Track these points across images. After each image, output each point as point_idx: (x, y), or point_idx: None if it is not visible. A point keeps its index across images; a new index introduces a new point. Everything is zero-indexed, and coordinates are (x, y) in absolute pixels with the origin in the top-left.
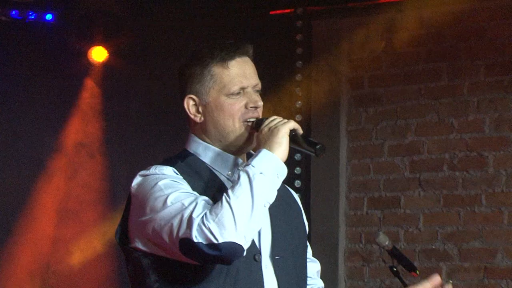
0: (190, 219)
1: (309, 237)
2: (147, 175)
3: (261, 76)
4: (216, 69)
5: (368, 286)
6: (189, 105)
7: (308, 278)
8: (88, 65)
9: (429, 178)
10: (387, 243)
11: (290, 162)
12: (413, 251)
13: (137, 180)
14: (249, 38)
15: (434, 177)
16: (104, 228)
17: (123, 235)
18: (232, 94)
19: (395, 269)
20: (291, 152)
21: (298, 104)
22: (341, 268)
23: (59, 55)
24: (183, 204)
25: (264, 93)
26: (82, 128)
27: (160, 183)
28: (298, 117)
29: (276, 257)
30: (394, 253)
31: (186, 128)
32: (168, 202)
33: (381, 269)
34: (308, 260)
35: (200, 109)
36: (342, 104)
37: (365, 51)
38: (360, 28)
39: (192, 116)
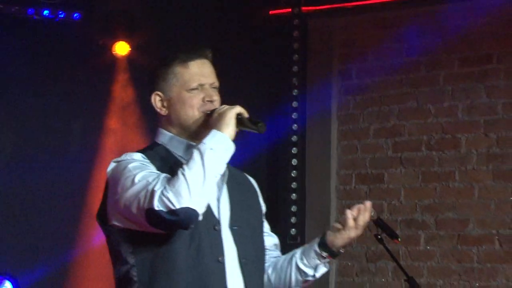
0: (153, 192)
1: (277, 214)
2: (119, 161)
3: (262, 67)
4: (178, 69)
5: (355, 251)
6: (156, 100)
7: (266, 250)
8: (112, 59)
9: (409, 157)
10: (372, 214)
11: (287, 144)
12: (395, 221)
13: (111, 166)
14: (251, 34)
15: (413, 156)
16: None
17: (103, 216)
18: (192, 89)
19: (379, 237)
20: (289, 134)
21: (295, 92)
22: None
23: (86, 50)
24: (148, 181)
25: (265, 81)
26: (121, 117)
27: (129, 166)
28: (295, 103)
29: (234, 228)
30: (379, 223)
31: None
32: (136, 180)
33: (367, 237)
34: (265, 234)
35: (165, 104)
36: (334, 93)
37: (353, 46)
38: (349, 26)
39: (158, 110)
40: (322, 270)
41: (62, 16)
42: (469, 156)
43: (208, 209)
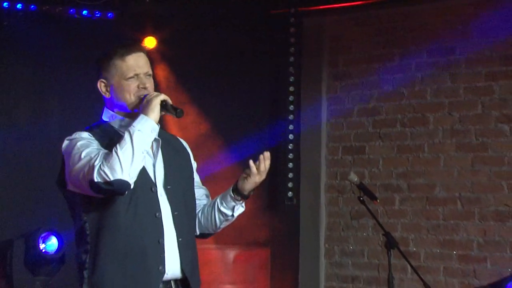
0: (93, 167)
1: (276, 181)
2: (71, 139)
3: (262, 57)
4: (118, 62)
5: (342, 211)
6: (101, 86)
7: (197, 200)
8: None
9: (386, 132)
10: (356, 179)
11: (284, 121)
12: (375, 185)
13: (65, 143)
14: (254, 30)
15: (390, 131)
16: None
17: (61, 182)
18: (128, 78)
19: (361, 198)
20: (286, 113)
21: (291, 79)
22: (322, 198)
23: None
24: (90, 157)
25: (266, 69)
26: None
27: (78, 144)
28: (291, 88)
29: (168, 187)
30: (361, 187)
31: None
32: (82, 156)
33: (351, 199)
34: (197, 186)
35: (108, 89)
36: (324, 79)
37: (340, 41)
38: (337, 23)
39: (103, 94)
40: (239, 210)
41: (98, 15)
42: (436, 131)
43: (145, 174)
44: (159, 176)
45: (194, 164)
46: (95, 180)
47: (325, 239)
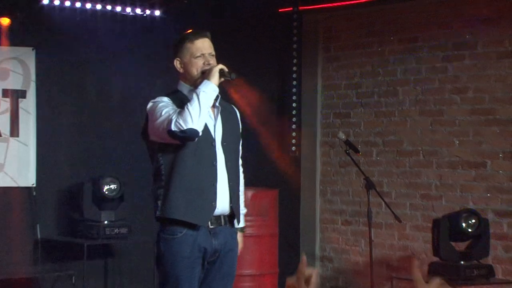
0: (171, 120)
1: (283, 138)
2: (154, 101)
3: (272, 45)
4: (188, 44)
5: (332, 161)
6: (177, 63)
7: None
8: None
9: (366, 102)
10: (343, 137)
11: (289, 95)
12: (358, 142)
13: (149, 105)
14: (265, 24)
15: (369, 101)
16: None
17: (145, 134)
18: (196, 57)
19: (347, 151)
20: (290, 87)
21: (294, 61)
22: (318, 151)
23: (167, 39)
24: (169, 114)
25: (275, 55)
26: None
27: (159, 105)
28: (294, 68)
29: (224, 143)
30: (347, 143)
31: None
32: (162, 113)
33: (340, 152)
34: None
35: (181, 66)
36: (319, 61)
37: (332, 32)
38: (330, 19)
39: (178, 69)
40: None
41: (149, 13)
42: (404, 100)
43: (208, 132)
44: (218, 134)
45: (240, 127)
46: (173, 129)
47: (319, 182)
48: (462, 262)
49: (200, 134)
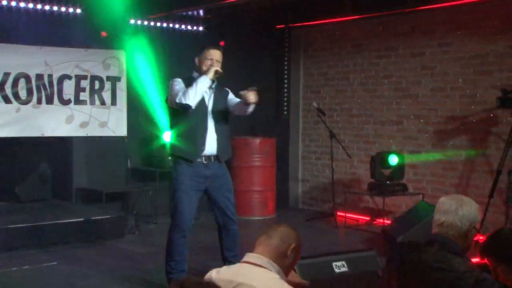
0: (178, 95)
1: (279, 108)
2: (173, 80)
3: (268, 50)
4: (205, 51)
5: (309, 121)
6: (196, 60)
7: (232, 103)
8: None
9: (330, 84)
10: (316, 105)
11: (281, 81)
12: (325, 108)
13: (171, 81)
14: (264, 36)
15: (332, 83)
16: None
17: (167, 101)
18: (207, 59)
19: (318, 115)
20: (281, 78)
21: (285, 62)
22: (300, 114)
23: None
24: (178, 90)
25: (269, 59)
26: None
27: (175, 83)
28: (286, 67)
29: (214, 110)
30: (318, 109)
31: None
32: (176, 89)
33: (314, 115)
34: (232, 99)
35: (198, 62)
36: (301, 59)
37: (311, 43)
38: (310, 33)
39: (196, 63)
40: (250, 108)
41: (189, 28)
42: (353, 83)
43: (204, 103)
44: (209, 104)
45: (229, 92)
46: (177, 101)
47: (301, 133)
48: (388, 182)
49: (193, 107)
